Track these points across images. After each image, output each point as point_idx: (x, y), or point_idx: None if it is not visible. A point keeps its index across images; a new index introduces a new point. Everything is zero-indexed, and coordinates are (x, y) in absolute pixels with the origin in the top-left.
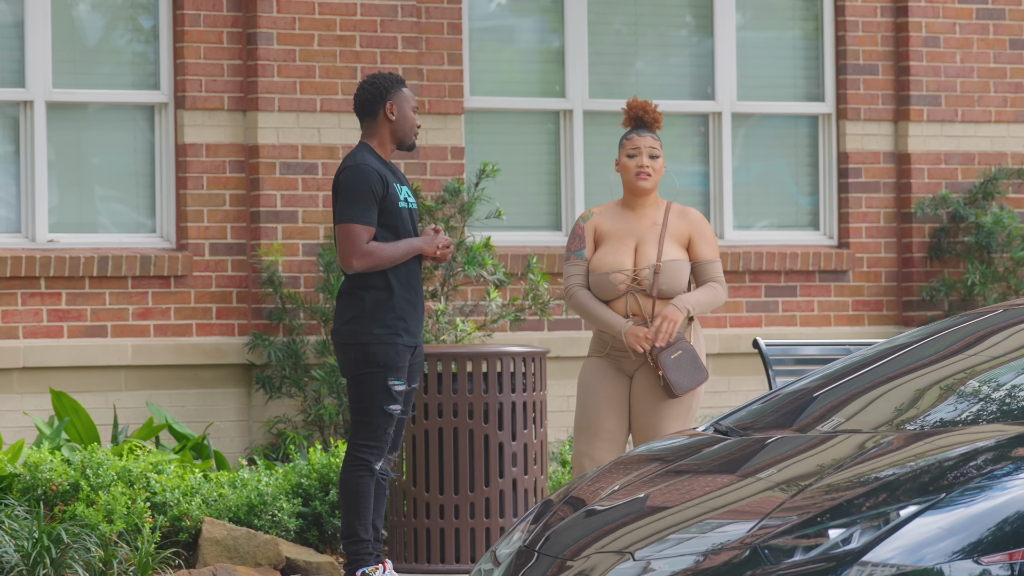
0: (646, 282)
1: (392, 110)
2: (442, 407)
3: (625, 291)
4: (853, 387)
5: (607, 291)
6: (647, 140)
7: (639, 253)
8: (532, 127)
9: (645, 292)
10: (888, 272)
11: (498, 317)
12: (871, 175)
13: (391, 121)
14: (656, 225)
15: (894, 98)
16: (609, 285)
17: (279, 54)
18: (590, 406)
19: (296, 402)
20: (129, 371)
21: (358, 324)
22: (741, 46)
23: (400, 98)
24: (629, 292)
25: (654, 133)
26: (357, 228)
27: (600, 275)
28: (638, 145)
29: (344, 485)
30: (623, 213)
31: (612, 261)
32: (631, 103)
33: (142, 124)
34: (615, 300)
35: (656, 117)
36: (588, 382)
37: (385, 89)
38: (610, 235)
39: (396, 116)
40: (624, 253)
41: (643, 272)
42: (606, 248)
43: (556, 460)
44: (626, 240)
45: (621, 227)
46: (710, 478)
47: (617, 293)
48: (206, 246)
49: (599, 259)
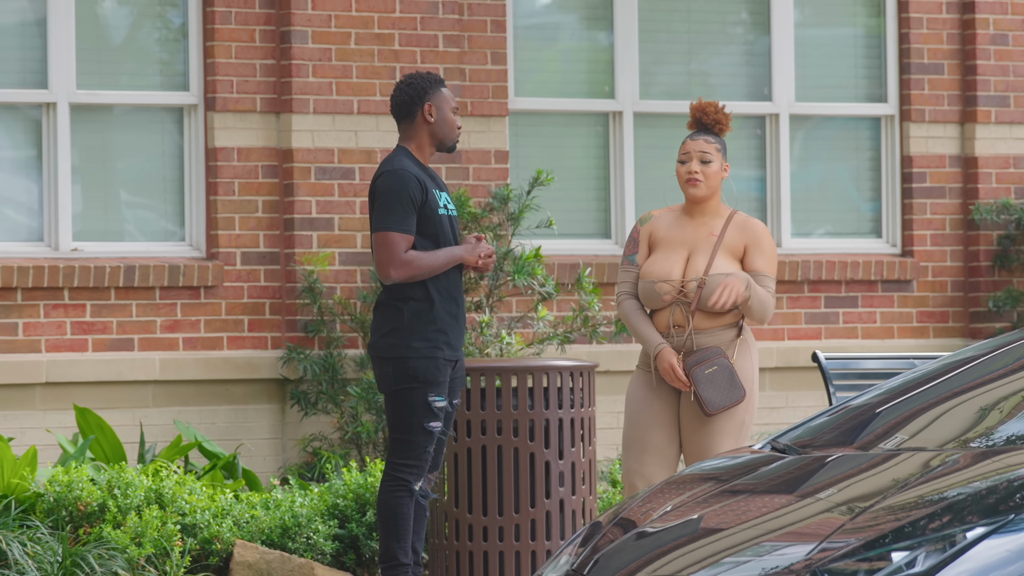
0: (692, 295)
1: (431, 112)
2: (485, 424)
3: (671, 302)
4: (917, 403)
5: (653, 300)
6: (699, 144)
7: (690, 264)
8: (580, 130)
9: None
10: (954, 282)
11: (546, 338)
12: (936, 180)
13: (429, 123)
14: (712, 235)
15: (960, 99)
16: (655, 294)
17: (314, 53)
18: (639, 421)
19: (332, 419)
20: (157, 386)
21: (396, 337)
22: (799, 44)
23: (439, 99)
24: (675, 303)
25: (714, 136)
26: (395, 236)
27: (647, 283)
28: (688, 149)
29: (382, 506)
30: (681, 220)
31: (660, 269)
32: (693, 105)
33: (170, 127)
34: (661, 310)
35: (718, 119)
36: (636, 396)
37: (423, 90)
38: (664, 241)
39: (435, 118)
40: (675, 262)
41: (690, 284)
42: (658, 255)
43: (605, 479)
44: (679, 248)
45: (677, 234)
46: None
47: (663, 303)
48: (237, 255)
49: (649, 266)
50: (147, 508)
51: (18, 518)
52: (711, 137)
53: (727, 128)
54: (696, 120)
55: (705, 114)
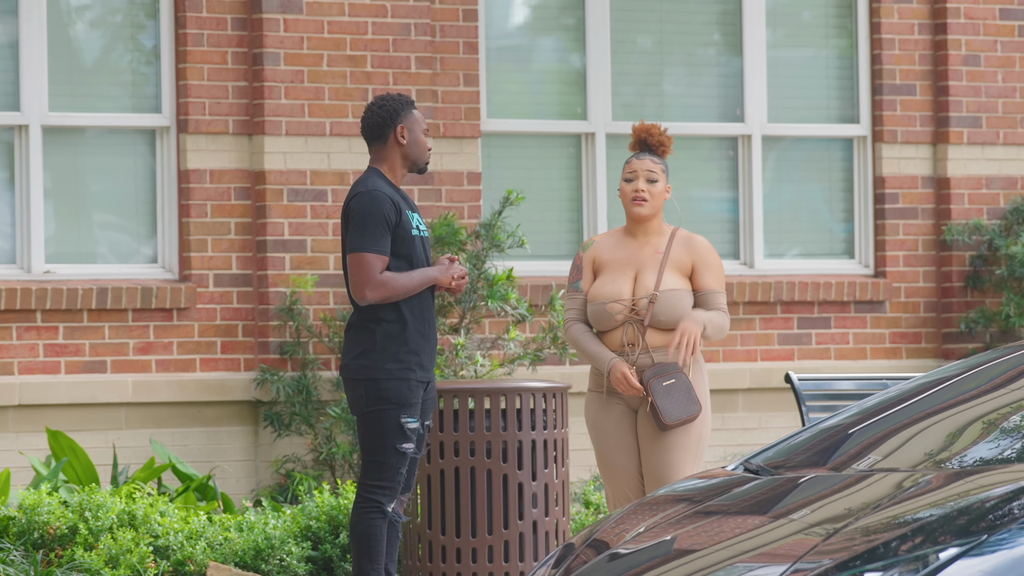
0: (644, 312)
1: (403, 133)
2: (458, 445)
3: (623, 321)
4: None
5: (605, 321)
6: (645, 163)
7: (638, 282)
8: (552, 151)
9: (643, 322)
10: (927, 303)
11: (516, 358)
12: (908, 200)
13: (402, 145)
14: (658, 253)
15: (933, 119)
16: (606, 315)
17: (286, 75)
18: (604, 447)
19: (306, 440)
20: (130, 408)
21: (369, 359)
22: (772, 65)
23: (411, 120)
24: (627, 322)
25: (657, 157)
26: (370, 257)
27: (597, 305)
28: (635, 169)
29: (355, 528)
30: (625, 241)
31: (610, 290)
32: (636, 126)
33: (143, 149)
34: (613, 330)
35: (662, 140)
36: (596, 422)
37: (395, 111)
38: (610, 264)
39: (407, 140)
40: (623, 282)
41: (640, 302)
42: (605, 277)
43: (578, 501)
44: (625, 269)
45: (622, 255)
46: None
47: (615, 323)
48: (210, 277)
49: (597, 288)
50: (119, 530)
51: None
52: (656, 158)
53: (669, 150)
54: (640, 141)
55: (650, 135)
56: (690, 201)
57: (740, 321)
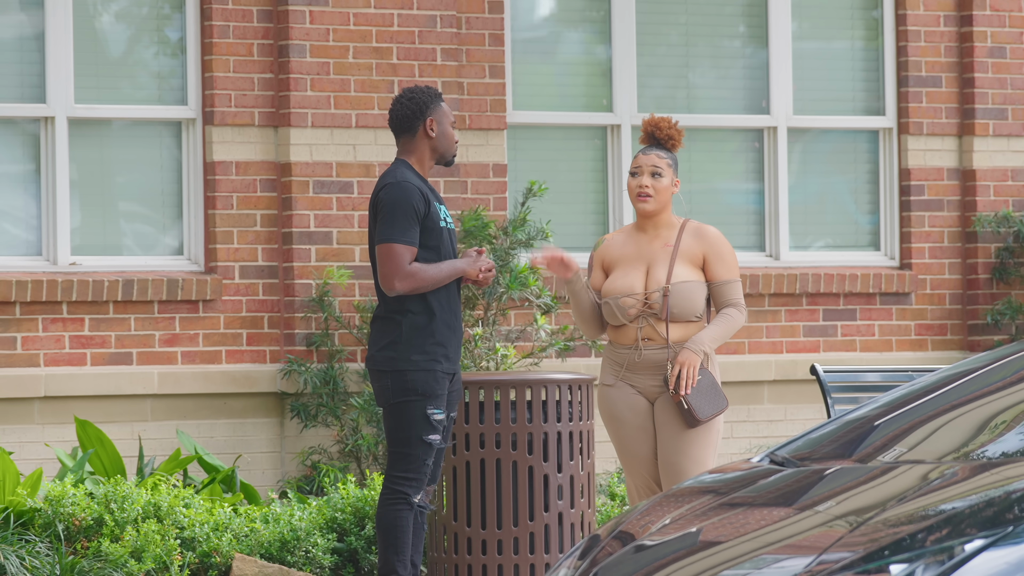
0: (657, 305)
1: (432, 126)
2: (484, 437)
3: (637, 315)
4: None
5: (619, 316)
6: (651, 158)
7: (650, 276)
8: (578, 143)
9: (657, 316)
10: (952, 294)
11: (547, 345)
12: (934, 192)
13: (431, 138)
14: (668, 246)
15: (958, 111)
16: (620, 310)
17: (312, 67)
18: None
19: (332, 432)
20: (155, 400)
21: (395, 350)
22: (797, 57)
23: (439, 113)
24: (641, 316)
25: (666, 151)
26: (399, 248)
27: (610, 300)
28: (640, 163)
29: (381, 519)
30: (635, 236)
31: (622, 286)
32: (645, 120)
33: (168, 141)
34: (628, 325)
35: (671, 134)
36: (613, 414)
37: (424, 104)
38: (619, 260)
39: (436, 132)
40: (635, 277)
41: (653, 295)
42: (616, 273)
43: (604, 493)
44: (636, 263)
45: (631, 251)
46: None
47: (629, 318)
48: (236, 269)
49: (609, 285)
50: (144, 522)
51: (16, 532)
52: (663, 152)
53: (679, 144)
54: (649, 135)
55: (658, 129)
56: (716, 193)
57: (766, 313)
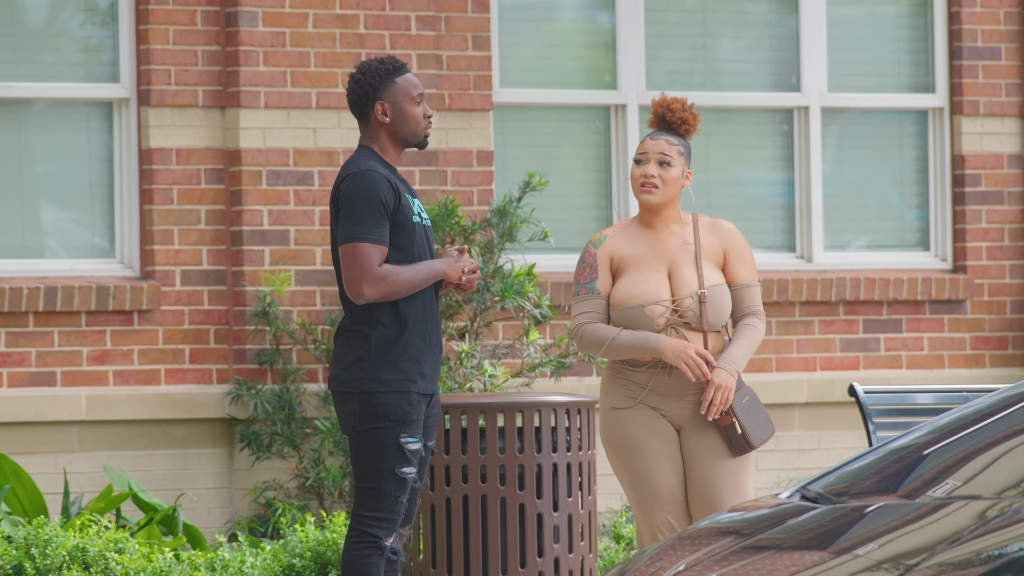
0: (690, 313)
1: (385, 112)
2: (467, 470)
3: (664, 326)
4: (971, 443)
5: (642, 328)
6: (659, 143)
7: (674, 280)
8: (577, 126)
9: (689, 325)
10: (1015, 302)
11: (537, 364)
12: (992, 183)
13: (385, 124)
14: (687, 244)
15: (1020, 88)
16: (645, 320)
17: (265, 38)
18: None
19: (290, 464)
20: (83, 427)
21: (362, 369)
22: (832, 25)
23: (394, 93)
24: (670, 327)
25: (678, 137)
26: (367, 247)
27: (631, 309)
28: (646, 149)
29: (348, 566)
30: (642, 233)
31: (644, 291)
32: (656, 100)
33: (98, 125)
34: None
35: (684, 118)
36: (630, 440)
37: (372, 87)
38: (633, 261)
39: (392, 116)
40: (657, 281)
41: (685, 302)
42: (633, 276)
43: (607, 534)
44: (655, 265)
45: (645, 250)
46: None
47: (655, 329)
48: (177, 274)
49: (627, 290)
50: (71, 570)
51: None
52: (674, 138)
53: (694, 130)
54: (659, 117)
55: (670, 111)
56: (738, 184)
57: (796, 324)
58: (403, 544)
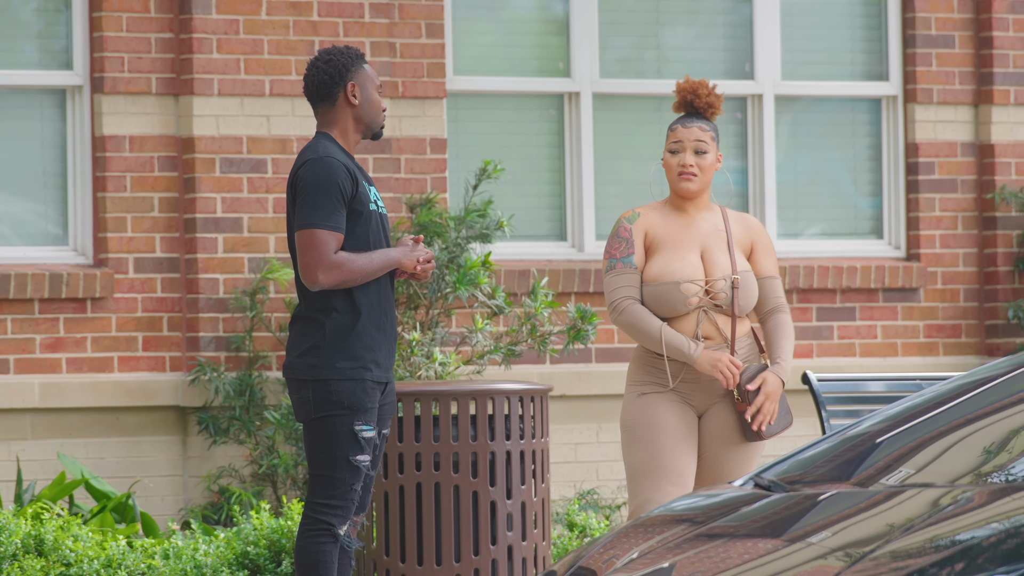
0: (721, 295)
1: (355, 92)
2: (420, 458)
3: (696, 306)
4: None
5: (675, 305)
6: (693, 132)
7: (708, 262)
8: (530, 113)
9: (720, 308)
10: (968, 290)
11: (487, 352)
12: (946, 171)
13: (353, 106)
14: (719, 230)
15: (974, 76)
16: (679, 297)
17: (219, 25)
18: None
19: (244, 451)
20: (36, 415)
21: (317, 356)
22: (786, 13)
23: (362, 77)
24: (701, 308)
25: (707, 122)
26: (323, 234)
27: (667, 285)
28: (680, 138)
29: (301, 554)
30: (675, 216)
31: (680, 269)
32: (680, 84)
33: (50, 112)
34: (682, 318)
35: (711, 102)
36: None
37: (344, 67)
38: (667, 240)
39: (360, 99)
40: (692, 261)
41: (718, 283)
42: (668, 255)
43: (560, 522)
44: (691, 246)
45: (680, 232)
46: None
47: (687, 308)
48: (130, 261)
49: (662, 267)
50: (25, 558)
51: None
52: (705, 124)
53: (719, 111)
54: (686, 103)
55: (697, 96)
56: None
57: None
58: (357, 532)
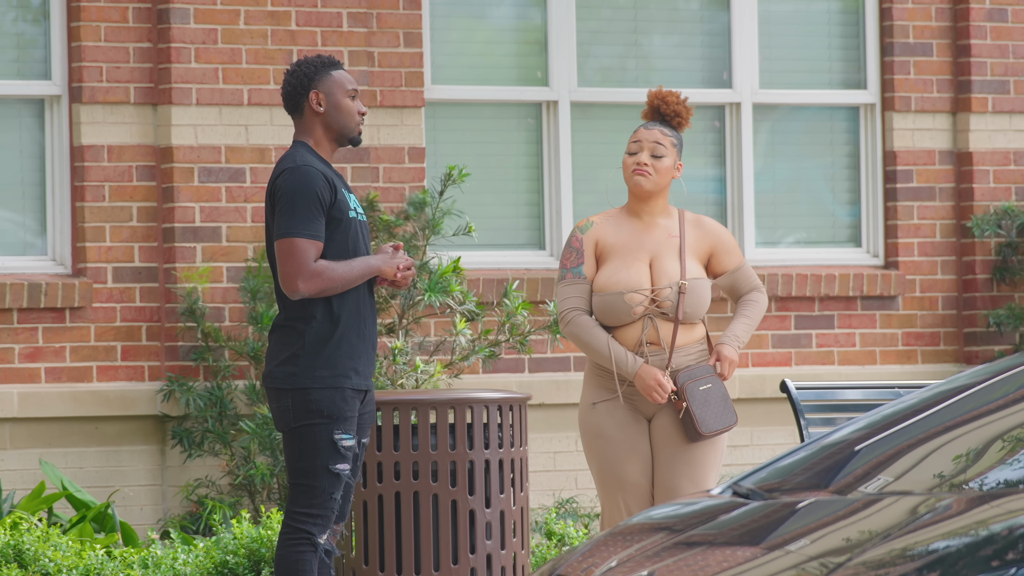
0: (667, 304)
1: (319, 101)
2: (399, 467)
3: (642, 314)
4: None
5: (619, 315)
6: (653, 134)
7: (655, 270)
8: (508, 122)
9: (665, 316)
10: (946, 298)
11: (468, 354)
12: (924, 179)
13: (319, 114)
14: (672, 237)
15: (952, 84)
16: (623, 307)
17: (197, 35)
18: (608, 457)
19: (221, 461)
20: (15, 425)
21: (296, 365)
22: (764, 22)
23: (328, 84)
24: (647, 316)
25: (671, 129)
26: (302, 243)
27: (611, 295)
28: (640, 139)
29: (281, 563)
30: (629, 223)
31: (626, 279)
32: (651, 92)
33: (29, 122)
34: (628, 326)
35: (678, 111)
36: (601, 430)
37: (307, 77)
38: (617, 249)
39: (325, 107)
40: (639, 270)
41: (663, 292)
42: (615, 264)
43: (539, 531)
44: (638, 254)
45: (630, 239)
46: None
47: (632, 317)
48: (109, 271)
49: (608, 276)
50: (4, 567)
51: None
52: (668, 130)
53: (686, 123)
54: (653, 110)
55: (665, 103)
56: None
57: (727, 320)
58: (337, 541)
